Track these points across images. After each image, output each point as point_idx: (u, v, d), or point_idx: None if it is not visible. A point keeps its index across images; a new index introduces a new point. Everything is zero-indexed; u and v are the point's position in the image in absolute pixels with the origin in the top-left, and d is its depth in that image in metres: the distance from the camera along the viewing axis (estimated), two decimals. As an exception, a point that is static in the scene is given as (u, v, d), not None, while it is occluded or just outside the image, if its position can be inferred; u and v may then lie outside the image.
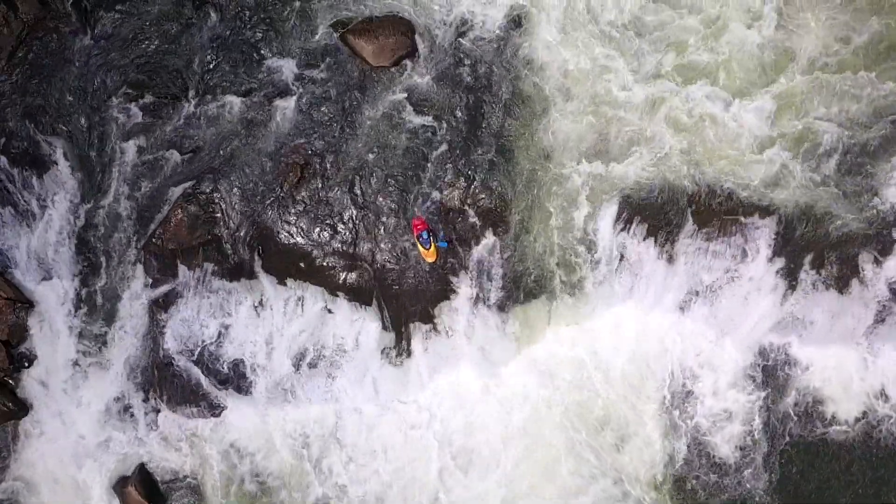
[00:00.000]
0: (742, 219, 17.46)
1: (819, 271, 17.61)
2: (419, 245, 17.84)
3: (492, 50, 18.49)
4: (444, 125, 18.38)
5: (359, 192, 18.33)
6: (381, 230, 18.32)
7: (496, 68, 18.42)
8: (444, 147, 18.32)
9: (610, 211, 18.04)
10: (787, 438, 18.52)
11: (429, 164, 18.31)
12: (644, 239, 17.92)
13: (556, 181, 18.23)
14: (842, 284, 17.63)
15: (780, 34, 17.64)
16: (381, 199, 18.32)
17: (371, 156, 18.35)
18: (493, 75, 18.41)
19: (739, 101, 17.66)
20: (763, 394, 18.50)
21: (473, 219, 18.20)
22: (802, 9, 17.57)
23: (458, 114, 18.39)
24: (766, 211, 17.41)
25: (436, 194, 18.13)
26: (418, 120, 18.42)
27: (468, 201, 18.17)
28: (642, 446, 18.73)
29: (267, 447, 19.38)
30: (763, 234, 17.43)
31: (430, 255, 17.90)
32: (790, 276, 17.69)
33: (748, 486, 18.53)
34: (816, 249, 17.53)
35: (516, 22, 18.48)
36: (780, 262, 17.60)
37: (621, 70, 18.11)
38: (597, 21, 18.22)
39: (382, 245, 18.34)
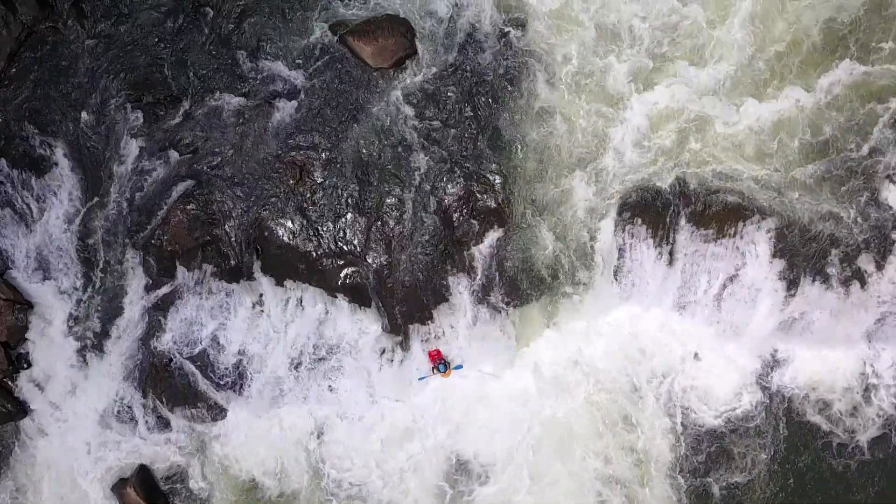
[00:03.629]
0: (741, 220, 17.42)
1: (820, 273, 17.55)
2: (435, 371, 18.26)
3: (493, 52, 18.46)
4: (444, 127, 18.36)
5: (358, 193, 18.32)
6: (381, 231, 18.30)
7: (497, 70, 18.39)
8: (443, 148, 18.31)
9: (610, 212, 18.01)
10: (789, 443, 18.44)
11: (429, 166, 18.30)
12: (643, 240, 17.87)
13: (556, 183, 18.22)
14: (843, 286, 17.55)
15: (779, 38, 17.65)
16: (380, 199, 18.31)
17: (370, 157, 18.35)
18: (494, 77, 18.37)
19: (740, 103, 17.63)
20: (764, 398, 18.41)
21: (473, 220, 18.17)
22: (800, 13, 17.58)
23: (458, 115, 18.38)
24: (765, 212, 17.36)
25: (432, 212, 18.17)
26: (418, 121, 18.41)
27: (468, 202, 18.15)
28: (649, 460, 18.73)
29: (266, 449, 19.36)
30: (762, 235, 17.37)
31: (444, 376, 18.44)
32: (790, 278, 17.62)
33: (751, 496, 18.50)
34: (817, 251, 17.48)
35: (517, 24, 18.44)
36: (780, 264, 17.53)
37: (623, 70, 18.09)
38: (596, 19, 18.17)
39: (382, 246, 18.32)
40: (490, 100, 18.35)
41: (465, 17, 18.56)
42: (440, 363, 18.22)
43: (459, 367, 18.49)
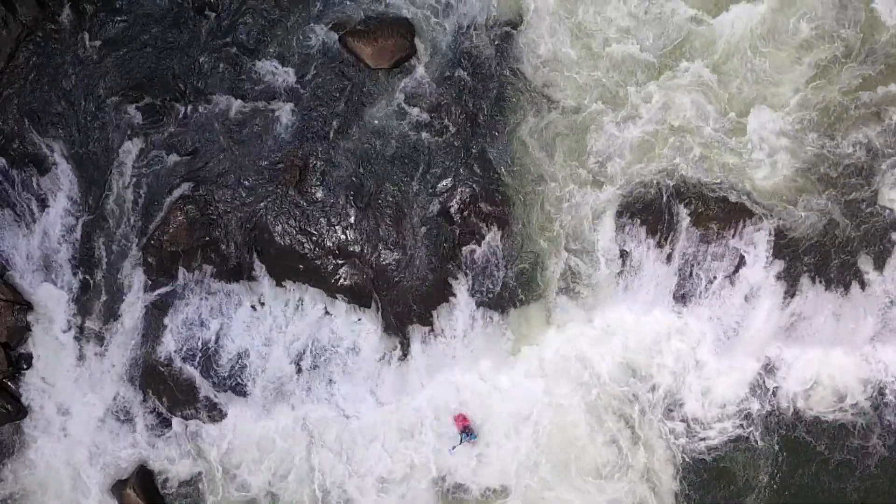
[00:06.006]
0: (741, 222, 17.43)
1: (819, 275, 17.56)
2: (463, 440, 18.32)
3: (492, 52, 18.47)
4: (444, 127, 18.38)
5: (358, 193, 18.34)
6: (381, 231, 18.32)
7: (496, 71, 18.41)
8: (443, 149, 18.33)
9: (610, 214, 18.03)
10: (791, 459, 18.29)
11: (428, 167, 18.31)
12: (643, 241, 17.90)
13: (556, 184, 18.22)
14: (843, 288, 17.58)
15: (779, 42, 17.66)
16: (380, 200, 18.33)
17: (370, 157, 18.37)
18: (493, 78, 18.40)
19: (740, 106, 17.67)
20: (764, 401, 18.32)
21: (473, 220, 18.19)
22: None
23: (458, 116, 18.39)
24: (765, 214, 17.39)
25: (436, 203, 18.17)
26: (417, 122, 18.42)
27: (467, 203, 18.16)
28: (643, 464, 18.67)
29: (266, 450, 19.31)
30: (762, 237, 17.41)
31: (473, 445, 18.51)
32: (789, 280, 17.65)
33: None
34: (816, 253, 17.49)
35: (516, 24, 18.45)
36: (779, 266, 17.56)
37: (622, 72, 18.10)
38: (594, 20, 18.17)
39: (382, 246, 18.34)
40: (489, 100, 18.37)
41: (464, 17, 18.56)
42: (468, 432, 18.22)
43: (475, 437, 18.42)
